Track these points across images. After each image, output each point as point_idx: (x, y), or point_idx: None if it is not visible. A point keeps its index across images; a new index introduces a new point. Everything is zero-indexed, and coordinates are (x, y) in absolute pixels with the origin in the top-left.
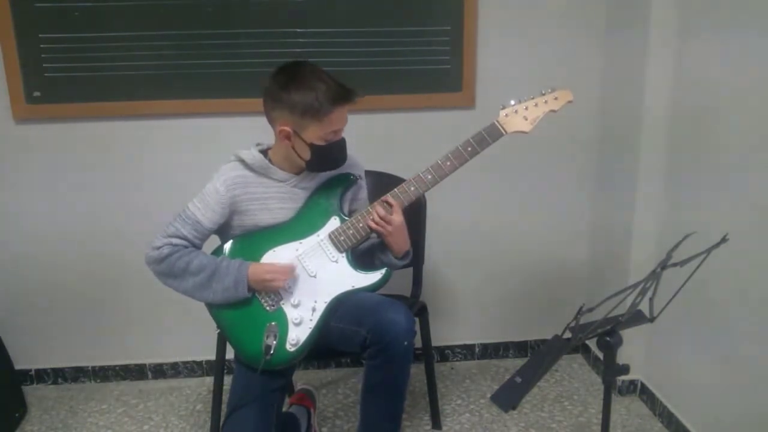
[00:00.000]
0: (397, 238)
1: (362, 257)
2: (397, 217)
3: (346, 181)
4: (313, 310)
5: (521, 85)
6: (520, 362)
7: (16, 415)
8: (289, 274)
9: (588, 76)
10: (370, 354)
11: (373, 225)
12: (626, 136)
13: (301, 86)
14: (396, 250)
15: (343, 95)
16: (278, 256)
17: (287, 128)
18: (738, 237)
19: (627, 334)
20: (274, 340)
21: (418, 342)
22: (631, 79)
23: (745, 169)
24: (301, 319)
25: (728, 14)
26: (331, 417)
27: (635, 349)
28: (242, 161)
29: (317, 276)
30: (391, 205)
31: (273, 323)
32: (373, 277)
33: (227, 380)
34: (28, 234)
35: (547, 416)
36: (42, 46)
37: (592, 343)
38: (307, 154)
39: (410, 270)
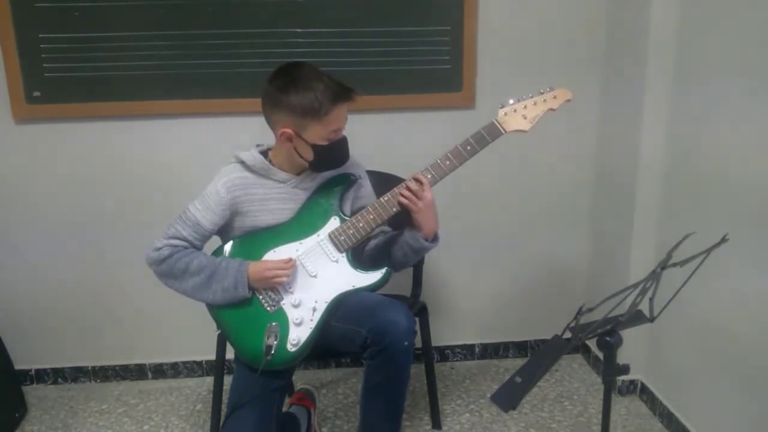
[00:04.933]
0: (426, 215)
1: (384, 249)
2: (428, 194)
3: (346, 181)
4: (314, 310)
5: (521, 85)
6: (520, 362)
7: (16, 415)
8: (290, 268)
9: (588, 76)
10: (370, 354)
11: (403, 200)
12: (626, 138)
13: (299, 87)
14: (426, 228)
15: (343, 93)
16: (278, 256)
17: (289, 130)
18: (738, 237)
19: (627, 334)
20: (275, 340)
21: (418, 342)
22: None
23: (746, 170)
24: (301, 320)
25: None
26: (331, 417)
27: (635, 349)
28: (242, 163)
29: (317, 276)
30: (422, 183)
31: (274, 323)
32: (373, 276)
33: (227, 380)
34: (27, 234)
35: (547, 416)
36: (42, 46)
37: (592, 343)
38: (309, 155)
39: (410, 270)
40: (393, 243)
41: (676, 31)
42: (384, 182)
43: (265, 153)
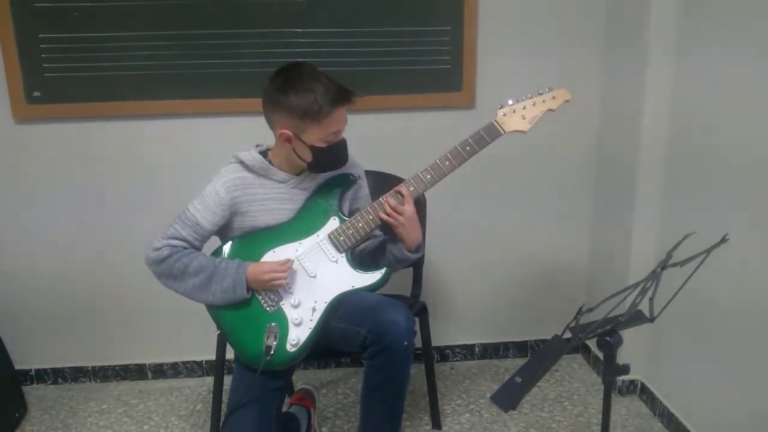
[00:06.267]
0: (409, 229)
1: (373, 254)
2: (409, 208)
3: (346, 182)
4: (313, 310)
5: (521, 85)
6: (520, 362)
7: (16, 415)
8: (288, 269)
9: (588, 77)
10: (370, 354)
11: (384, 217)
12: (626, 138)
13: (299, 89)
14: (409, 242)
15: (342, 96)
16: (278, 256)
17: (287, 131)
18: (738, 237)
19: (627, 334)
20: (275, 340)
21: (418, 342)
22: (630, 87)
23: (745, 171)
24: (301, 320)
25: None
26: (331, 417)
27: (635, 349)
28: (242, 163)
29: (317, 276)
30: (402, 196)
31: (273, 324)
32: (373, 277)
33: (227, 380)
34: (27, 234)
35: (547, 416)
36: (42, 46)
37: (592, 343)
38: (308, 156)
39: (410, 270)
40: (379, 250)
41: (676, 28)
42: (384, 182)
43: (264, 153)
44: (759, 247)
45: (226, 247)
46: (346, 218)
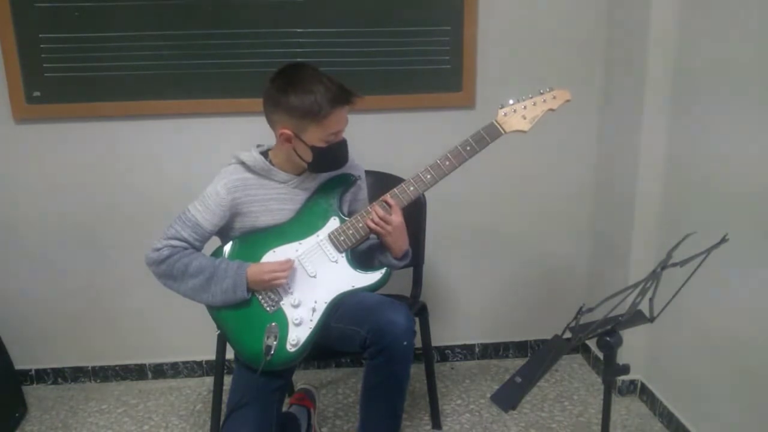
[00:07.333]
0: (396, 238)
1: (362, 257)
2: (396, 218)
3: (346, 182)
4: (313, 310)
5: (521, 85)
6: (520, 362)
7: (16, 415)
8: (289, 269)
9: (589, 75)
10: (370, 354)
11: (372, 225)
12: (626, 138)
13: (299, 89)
14: (395, 250)
15: (343, 97)
16: (278, 256)
17: (288, 131)
18: (738, 237)
19: (627, 334)
20: (275, 340)
21: (418, 342)
22: (631, 86)
23: (746, 168)
24: (301, 320)
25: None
26: (331, 417)
27: (635, 349)
28: (243, 163)
29: (317, 276)
30: (390, 205)
31: (273, 324)
32: (373, 277)
33: (227, 380)
34: (27, 234)
35: (547, 416)
36: (42, 46)
37: (592, 343)
38: (308, 156)
39: (410, 270)
40: (367, 254)
41: (677, 31)
42: (384, 182)
43: (265, 153)
44: (759, 247)
45: (227, 248)
46: (346, 218)
